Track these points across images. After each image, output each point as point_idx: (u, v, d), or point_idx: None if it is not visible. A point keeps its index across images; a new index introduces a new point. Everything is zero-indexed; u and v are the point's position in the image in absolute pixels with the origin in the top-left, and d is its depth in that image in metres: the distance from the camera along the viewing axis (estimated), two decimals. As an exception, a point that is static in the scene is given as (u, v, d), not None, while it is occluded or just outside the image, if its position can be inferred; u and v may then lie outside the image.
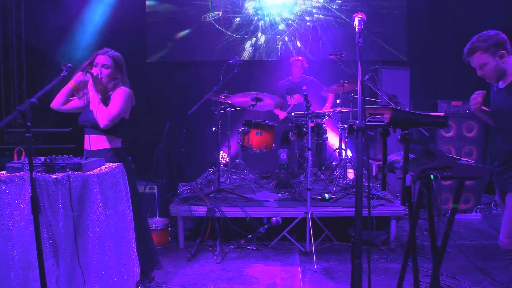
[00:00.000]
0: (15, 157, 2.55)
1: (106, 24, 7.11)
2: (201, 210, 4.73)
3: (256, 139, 5.48)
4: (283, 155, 5.35)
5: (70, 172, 2.39)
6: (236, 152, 5.92)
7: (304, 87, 6.12)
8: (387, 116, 2.84)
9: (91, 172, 2.43)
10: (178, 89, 7.22)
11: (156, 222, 4.83)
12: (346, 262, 4.41)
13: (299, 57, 6.12)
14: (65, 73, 2.67)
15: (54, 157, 2.48)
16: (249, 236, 4.74)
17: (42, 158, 2.49)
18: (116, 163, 2.75)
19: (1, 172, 2.52)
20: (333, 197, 4.97)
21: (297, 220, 4.69)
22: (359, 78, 2.21)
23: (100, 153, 3.06)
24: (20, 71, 7.58)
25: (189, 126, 6.55)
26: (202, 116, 5.89)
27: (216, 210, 4.64)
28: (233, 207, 4.78)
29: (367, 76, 5.36)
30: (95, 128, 3.12)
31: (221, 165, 5.78)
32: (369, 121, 2.96)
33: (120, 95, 3.18)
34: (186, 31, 7.23)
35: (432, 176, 2.44)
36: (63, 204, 2.35)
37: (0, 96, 7.38)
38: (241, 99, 5.37)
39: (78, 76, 3.16)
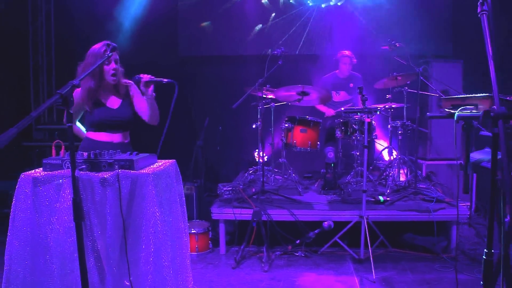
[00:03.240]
0: (53, 152, 2.09)
1: (137, 17, 6.67)
2: (245, 213, 4.23)
3: (300, 136, 4.95)
4: (330, 153, 4.83)
5: (119, 170, 1.91)
6: (275, 150, 5.40)
7: (351, 85, 5.58)
8: (482, 106, 2.36)
9: (145, 171, 1.94)
10: (211, 84, 6.74)
11: (196, 225, 4.35)
12: (405, 272, 3.88)
13: (347, 52, 5.53)
14: (109, 53, 2.21)
15: (99, 153, 2.01)
16: (297, 242, 4.23)
17: (85, 154, 2.02)
18: (170, 160, 2.26)
19: (37, 170, 2.06)
20: (388, 200, 4.43)
21: (350, 224, 4.16)
22: (489, 52, 1.68)
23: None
24: (49, 66, 7.21)
25: (223, 123, 6.07)
26: (237, 112, 5.40)
27: (263, 213, 4.14)
28: (281, 210, 4.26)
29: (420, 69, 4.80)
30: (122, 127, 2.82)
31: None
32: (460, 111, 2.48)
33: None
34: (218, 25, 6.76)
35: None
36: (112, 210, 1.86)
37: (29, 92, 7.01)
38: (284, 94, 4.85)
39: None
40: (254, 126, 5.10)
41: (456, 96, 2.87)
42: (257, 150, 5.62)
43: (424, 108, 5.51)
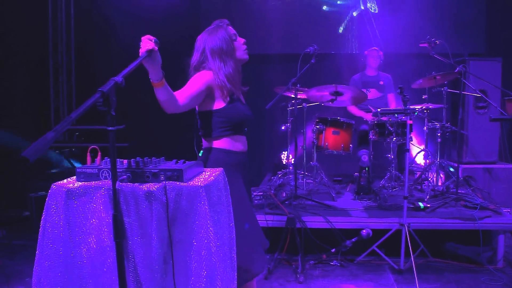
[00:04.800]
0: (88, 159, 1.79)
1: (158, 16, 6.38)
2: (278, 220, 3.92)
3: (332, 138, 4.63)
4: (365, 157, 4.49)
5: (166, 182, 1.61)
6: (301, 153, 5.07)
7: (381, 82, 5.26)
8: None
9: (195, 182, 1.64)
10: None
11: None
12: (450, 284, 3.55)
13: (375, 47, 5.27)
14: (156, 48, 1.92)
15: (141, 160, 1.71)
16: (333, 250, 3.92)
17: (125, 161, 1.72)
18: (218, 169, 1.96)
19: (70, 179, 1.77)
20: (428, 206, 4.09)
21: (390, 232, 3.84)
22: None
23: None
24: (69, 66, 6.96)
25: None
26: (261, 113, 5.08)
27: (297, 220, 3.84)
28: (315, 216, 3.95)
29: (458, 68, 4.45)
30: None
31: (291, 167, 4.94)
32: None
33: None
34: (243, 22, 6.43)
35: None
36: (158, 228, 1.56)
37: (48, 92, 6.77)
38: (316, 94, 4.53)
39: None
40: (283, 128, 4.79)
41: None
42: (284, 153, 5.31)
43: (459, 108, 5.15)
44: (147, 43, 1.86)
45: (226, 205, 1.86)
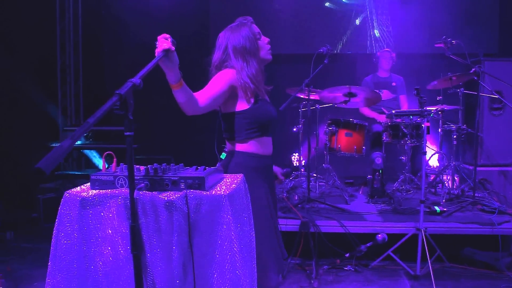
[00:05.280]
0: (103, 165, 1.68)
1: (167, 15, 6.27)
2: (291, 224, 3.81)
3: (345, 140, 4.51)
4: (378, 159, 4.37)
5: (187, 190, 1.50)
6: (313, 155, 4.95)
7: (394, 84, 5.14)
8: None
9: (218, 191, 1.53)
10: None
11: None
12: (468, 291, 3.44)
13: (387, 49, 5.15)
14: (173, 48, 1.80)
15: (159, 167, 1.60)
16: (347, 255, 3.80)
17: (142, 168, 1.61)
18: (238, 175, 1.84)
19: (84, 187, 1.66)
20: (445, 210, 3.97)
21: (406, 237, 3.71)
22: None
23: None
24: (76, 66, 6.87)
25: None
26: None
27: (311, 224, 3.72)
28: (329, 221, 3.83)
29: (474, 69, 4.32)
30: None
31: (302, 170, 4.82)
32: None
33: None
34: (255, 19, 6.31)
35: None
36: (179, 239, 1.45)
37: (56, 93, 6.67)
38: (329, 95, 4.42)
39: None
40: (295, 129, 4.67)
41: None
42: (294, 154, 5.20)
43: (474, 110, 5.02)
44: (164, 42, 1.74)
45: (247, 213, 1.75)
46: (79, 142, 6.68)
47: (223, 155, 2.49)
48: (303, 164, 5.06)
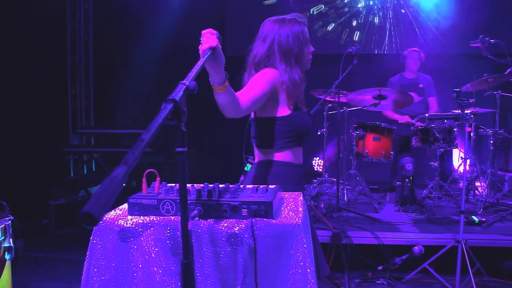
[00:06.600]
0: (144, 185, 1.36)
1: (181, 14, 5.96)
2: (321, 235, 3.49)
3: (373, 145, 4.19)
4: (409, 165, 4.05)
5: (253, 219, 1.19)
6: (335, 159, 4.63)
7: (421, 85, 4.82)
8: None
9: (289, 219, 1.21)
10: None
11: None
12: (512, 309, 3.13)
13: (415, 48, 4.82)
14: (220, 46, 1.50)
15: (213, 188, 1.29)
16: (379, 268, 3.49)
17: (190, 188, 1.31)
18: (297, 193, 1.53)
19: (119, 211, 1.34)
20: (484, 221, 3.66)
21: (444, 249, 3.41)
22: None
23: None
24: (87, 67, 6.57)
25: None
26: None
27: (343, 236, 3.41)
28: (362, 232, 3.53)
29: (509, 70, 4.01)
30: None
31: (326, 175, 4.50)
32: None
33: None
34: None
35: None
36: (243, 281, 1.15)
37: (66, 94, 6.37)
38: (357, 97, 4.11)
39: None
40: (319, 133, 4.36)
41: None
42: (315, 159, 4.88)
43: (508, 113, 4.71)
44: (210, 38, 1.44)
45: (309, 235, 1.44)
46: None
47: (247, 167, 2.20)
48: (325, 169, 4.74)
